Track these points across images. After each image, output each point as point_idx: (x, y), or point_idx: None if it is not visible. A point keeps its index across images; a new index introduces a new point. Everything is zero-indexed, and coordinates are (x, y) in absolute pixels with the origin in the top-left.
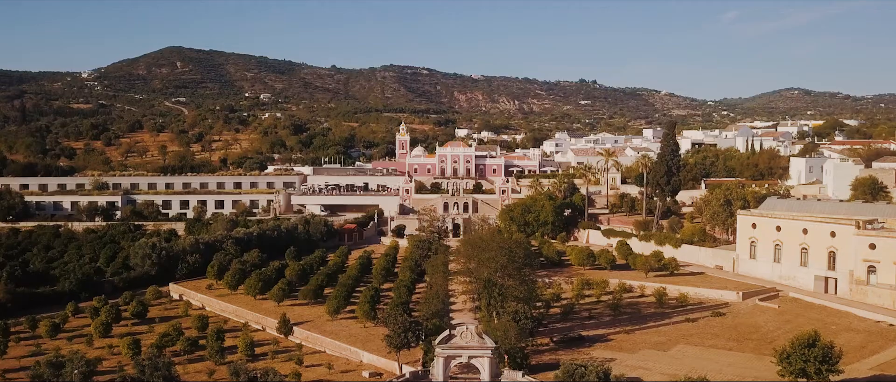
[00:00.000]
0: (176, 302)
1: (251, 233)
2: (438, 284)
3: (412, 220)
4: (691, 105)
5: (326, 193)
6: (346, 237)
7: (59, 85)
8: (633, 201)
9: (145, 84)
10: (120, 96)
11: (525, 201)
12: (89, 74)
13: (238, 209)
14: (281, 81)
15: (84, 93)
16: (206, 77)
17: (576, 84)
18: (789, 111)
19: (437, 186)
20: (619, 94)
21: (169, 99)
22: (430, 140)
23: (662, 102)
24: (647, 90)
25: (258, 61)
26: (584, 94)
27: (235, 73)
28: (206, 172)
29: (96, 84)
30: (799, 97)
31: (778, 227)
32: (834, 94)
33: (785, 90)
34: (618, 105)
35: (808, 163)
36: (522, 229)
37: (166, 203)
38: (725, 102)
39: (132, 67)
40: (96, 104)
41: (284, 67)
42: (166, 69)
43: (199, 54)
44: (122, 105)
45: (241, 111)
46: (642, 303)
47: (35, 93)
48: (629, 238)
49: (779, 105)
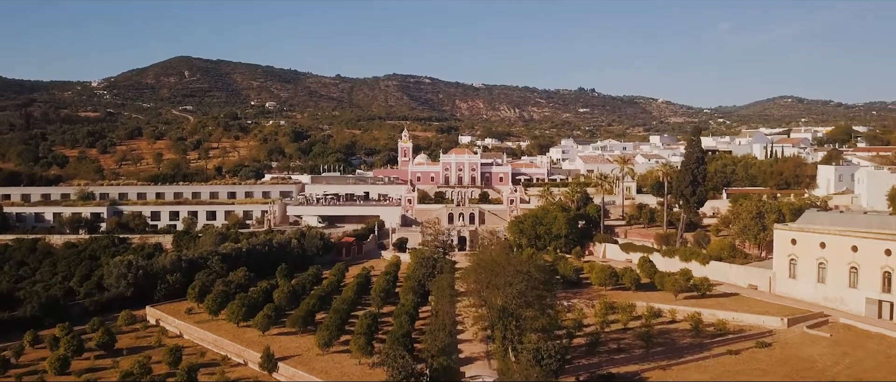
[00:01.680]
0: (151, 329)
1: (240, 249)
2: (445, 311)
3: (415, 232)
4: (688, 113)
5: (325, 203)
6: (344, 252)
7: (69, 94)
8: (653, 212)
9: (153, 93)
10: (128, 105)
11: (536, 213)
12: (99, 84)
13: (230, 221)
14: (286, 90)
15: (93, 101)
16: (214, 86)
17: (575, 92)
18: (784, 119)
19: (442, 195)
20: (617, 102)
21: (176, 107)
22: (434, 147)
23: (660, 109)
24: (644, 98)
25: (264, 70)
26: (583, 102)
27: (242, 82)
28: (199, 181)
29: (105, 93)
30: (793, 105)
31: (822, 243)
32: (826, 102)
33: (779, 98)
34: (616, 113)
35: (838, 171)
36: (533, 242)
37: (155, 215)
38: (721, 109)
39: (141, 76)
40: (104, 112)
41: (290, 76)
42: (174, 78)
43: (206, 64)
44: (129, 113)
45: (243, 119)
46: (675, 331)
47: (44, 101)
48: (651, 253)
49: (773, 113)
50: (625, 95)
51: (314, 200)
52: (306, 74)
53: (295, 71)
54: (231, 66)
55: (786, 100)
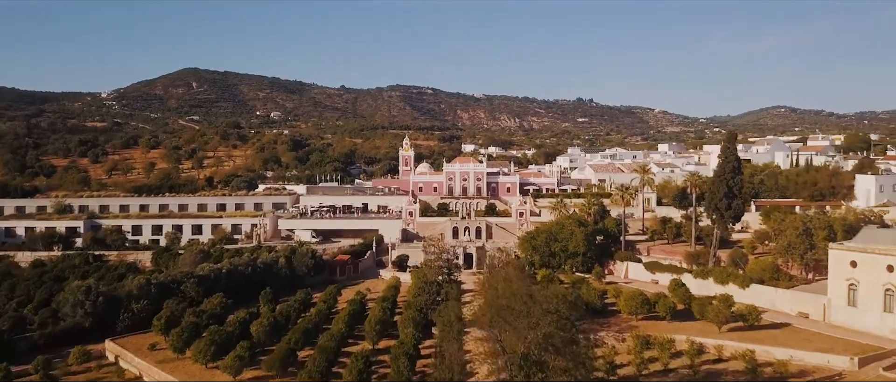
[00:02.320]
0: (107, 368)
1: (219, 270)
2: (451, 353)
3: (417, 249)
4: (684, 122)
5: (319, 216)
6: (338, 271)
7: (79, 104)
8: (678, 226)
9: (162, 103)
10: (136, 115)
11: (549, 227)
12: (108, 95)
13: (217, 236)
14: (292, 101)
15: (101, 112)
16: (221, 97)
17: (573, 102)
18: (777, 128)
19: (445, 207)
20: (614, 111)
21: (183, 117)
22: (436, 156)
23: (656, 119)
24: (641, 108)
25: (270, 81)
26: (581, 111)
27: (248, 92)
28: (186, 192)
29: (114, 104)
30: (785, 114)
31: (890, 266)
32: (818, 111)
33: (772, 108)
34: (614, 122)
35: (879, 181)
36: (547, 261)
37: (136, 229)
38: (715, 119)
39: (150, 87)
40: (111, 122)
41: (295, 87)
42: (182, 89)
43: (214, 75)
44: (135, 123)
45: (246, 128)
46: (726, 373)
47: (53, 112)
48: (681, 274)
49: (767, 122)
50: (622, 105)
51: (308, 212)
52: (311, 85)
53: (300, 82)
54: (238, 77)
55: (779, 109)
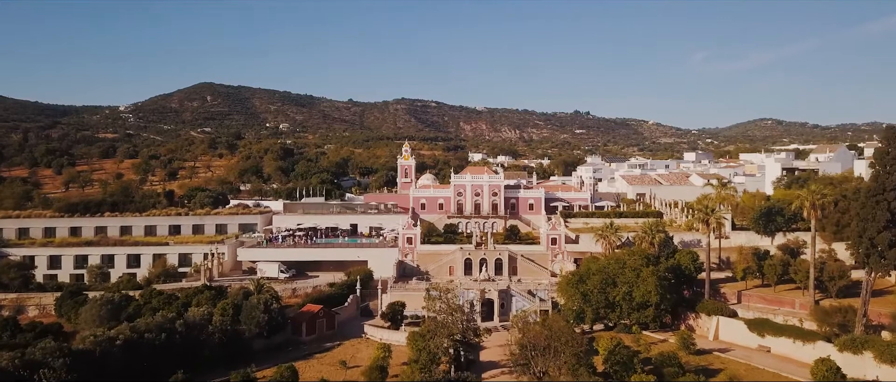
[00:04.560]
0: None
1: (110, 340)
2: None
3: (417, 293)
4: (677, 133)
5: (292, 242)
6: (305, 330)
7: (96, 118)
8: (785, 263)
9: (176, 116)
10: (150, 127)
11: (604, 265)
12: (126, 108)
13: (157, 269)
14: (302, 114)
15: (116, 124)
16: (233, 110)
17: (571, 115)
18: (765, 139)
19: (454, 229)
20: (610, 123)
21: (195, 129)
22: (441, 166)
23: (650, 130)
24: (635, 120)
25: (282, 95)
26: (579, 123)
27: (260, 106)
28: (132, 210)
29: (130, 116)
30: (773, 126)
31: None
32: (803, 123)
33: (759, 120)
34: (610, 133)
35: None
36: (603, 314)
37: (55, 260)
38: (706, 131)
39: (166, 101)
40: (123, 134)
41: (305, 101)
42: (197, 103)
43: (227, 89)
44: (147, 135)
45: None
46: None
47: (70, 124)
48: (812, 341)
49: (755, 133)
50: (617, 117)
51: (279, 237)
52: (321, 99)
53: (310, 96)
54: (251, 91)
55: (765, 122)
